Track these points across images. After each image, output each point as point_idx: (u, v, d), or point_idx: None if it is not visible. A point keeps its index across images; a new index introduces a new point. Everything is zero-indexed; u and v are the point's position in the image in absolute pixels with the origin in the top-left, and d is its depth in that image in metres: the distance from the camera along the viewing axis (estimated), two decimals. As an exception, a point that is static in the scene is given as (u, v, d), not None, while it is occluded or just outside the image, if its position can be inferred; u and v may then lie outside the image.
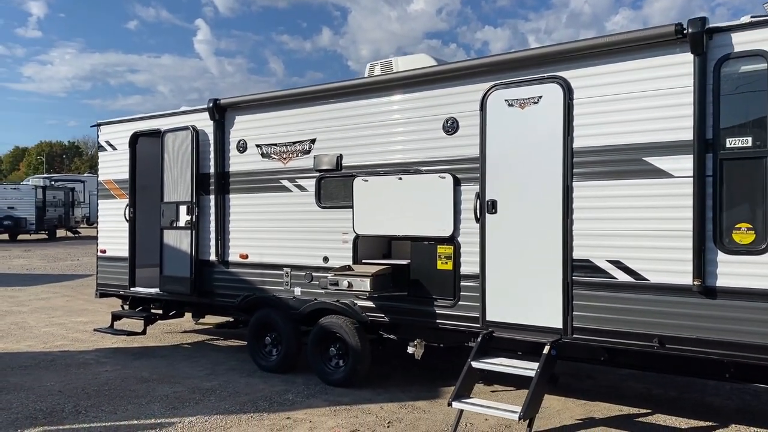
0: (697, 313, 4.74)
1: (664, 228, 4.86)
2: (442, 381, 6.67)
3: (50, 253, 24.06)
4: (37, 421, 5.65)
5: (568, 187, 5.27)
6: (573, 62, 5.30)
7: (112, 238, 9.02)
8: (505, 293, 5.62)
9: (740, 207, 4.60)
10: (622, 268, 5.05)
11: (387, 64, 7.18)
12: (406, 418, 5.68)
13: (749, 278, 4.54)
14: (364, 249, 6.63)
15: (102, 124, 9.34)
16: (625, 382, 6.92)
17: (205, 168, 7.87)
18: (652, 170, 4.92)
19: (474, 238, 5.80)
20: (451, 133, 6.00)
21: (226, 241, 7.72)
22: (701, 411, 5.91)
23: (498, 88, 5.68)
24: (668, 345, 4.86)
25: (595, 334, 5.17)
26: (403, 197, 6.27)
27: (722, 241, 4.65)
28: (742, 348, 4.58)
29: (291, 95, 7.20)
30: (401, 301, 6.29)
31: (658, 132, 4.88)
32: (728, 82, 4.62)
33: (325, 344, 6.78)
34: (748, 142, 4.55)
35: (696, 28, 4.62)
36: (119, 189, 8.99)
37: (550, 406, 5.99)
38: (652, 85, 4.92)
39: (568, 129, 5.27)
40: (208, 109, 7.71)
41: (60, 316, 11.17)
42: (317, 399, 6.25)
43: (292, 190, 7.15)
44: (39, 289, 14.55)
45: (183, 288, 7.94)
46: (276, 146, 7.28)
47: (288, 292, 7.13)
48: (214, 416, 5.74)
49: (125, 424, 5.56)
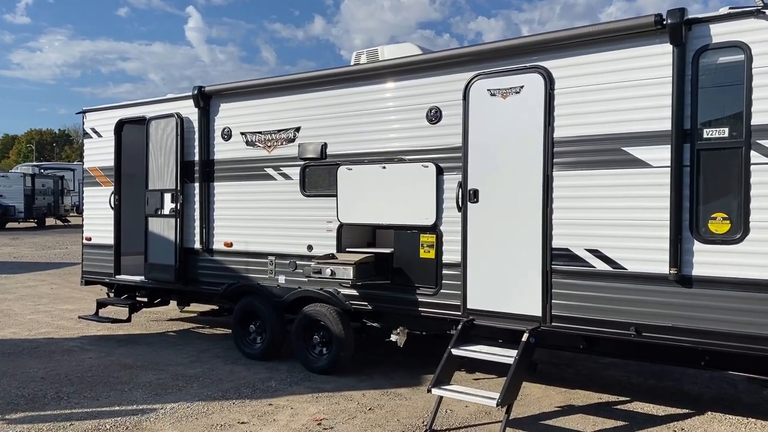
0: (673, 302, 4.80)
1: (642, 217, 4.91)
2: (424, 368, 6.71)
3: (38, 242, 23.94)
4: (19, 407, 5.66)
5: (548, 177, 5.30)
6: (554, 52, 5.32)
7: (98, 226, 9.00)
8: (485, 281, 5.67)
9: (716, 197, 4.65)
10: (600, 256, 5.10)
11: (373, 52, 7.17)
12: (387, 405, 5.73)
13: (724, 267, 4.60)
14: (348, 237, 6.66)
15: (87, 111, 9.30)
16: (606, 370, 6.99)
17: (190, 156, 7.85)
18: (630, 160, 4.96)
19: (456, 227, 5.83)
20: (434, 122, 6.02)
21: (210, 229, 7.72)
22: (679, 399, 5.99)
23: (481, 77, 5.70)
24: (645, 333, 4.92)
25: (573, 322, 5.23)
26: (387, 186, 6.29)
27: (698, 231, 4.70)
28: (716, 336, 4.65)
29: (276, 83, 7.18)
30: (384, 289, 6.33)
31: (637, 122, 4.92)
32: (706, 74, 4.66)
33: (308, 332, 6.81)
34: (724, 133, 4.59)
35: (675, 19, 4.64)
36: (104, 176, 8.96)
37: (531, 393, 6.05)
38: (632, 76, 4.94)
39: (548, 119, 5.30)
40: (192, 96, 7.68)
41: (46, 303, 11.15)
42: (300, 386, 6.29)
43: (276, 179, 7.15)
44: (26, 277, 14.49)
45: (168, 276, 7.95)
46: (261, 134, 7.28)
47: (272, 281, 7.15)
48: (196, 402, 5.77)
49: (107, 410, 5.58)
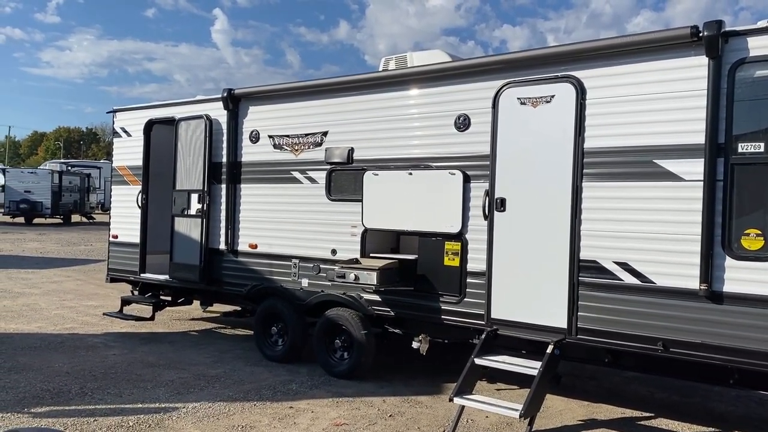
0: (703, 318, 4.72)
1: (673, 231, 4.84)
2: (445, 376, 6.68)
3: (64, 238, 24.31)
4: (44, 401, 5.74)
5: (578, 188, 5.26)
6: (587, 62, 5.28)
7: (124, 224, 9.12)
8: (510, 291, 5.62)
9: (750, 213, 4.57)
10: (628, 269, 5.04)
11: (402, 58, 7.18)
12: (408, 412, 5.71)
13: (757, 284, 4.52)
14: (372, 243, 6.66)
15: (117, 110, 9.43)
16: (629, 384, 6.90)
17: (218, 157, 7.92)
18: (662, 173, 4.90)
19: (482, 236, 5.80)
20: (462, 129, 6.00)
21: (236, 231, 7.78)
22: (704, 416, 5.88)
23: (511, 86, 5.67)
24: (672, 349, 4.84)
25: (599, 335, 5.16)
26: (413, 192, 6.28)
27: (731, 247, 4.62)
28: (746, 354, 4.56)
29: (304, 87, 7.23)
30: (407, 295, 6.31)
31: (670, 135, 4.86)
32: (742, 87, 4.59)
33: (330, 336, 6.82)
34: (760, 148, 4.51)
35: (711, 31, 4.59)
36: (132, 175, 9.07)
37: (553, 405, 5.99)
38: (666, 88, 4.89)
39: (579, 129, 5.26)
40: (222, 98, 7.76)
41: (71, 299, 11.30)
42: (320, 390, 6.29)
43: (302, 182, 7.18)
44: (52, 273, 14.72)
45: (192, 275, 8.02)
46: (288, 137, 7.32)
47: (295, 283, 7.17)
48: (217, 403, 5.80)
49: (130, 407, 5.64)
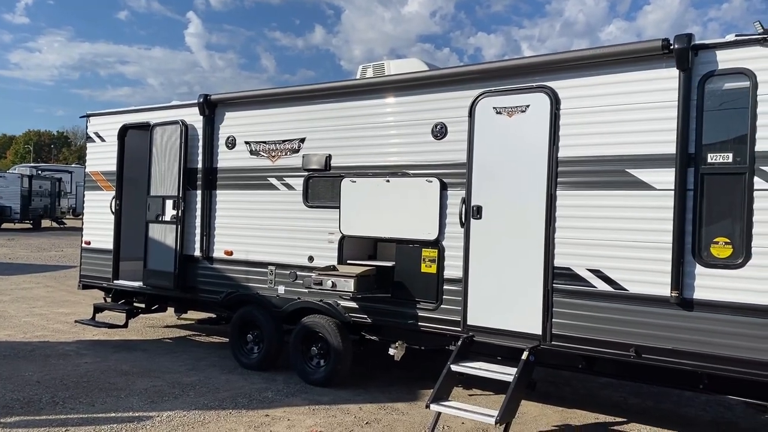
0: (674, 324, 4.82)
1: (644, 239, 4.94)
2: (421, 383, 6.70)
3: (34, 243, 23.85)
4: (14, 410, 5.63)
5: (552, 196, 5.34)
6: (561, 73, 5.37)
7: (97, 230, 8.98)
8: (486, 298, 5.68)
9: (719, 221, 4.68)
10: (601, 277, 5.12)
11: (379, 66, 7.23)
12: (384, 419, 5.72)
13: (725, 291, 4.63)
14: (349, 250, 6.67)
15: (91, 115, 9.31)
16: (603, 390, 6.99)
17: (193, 163, 7.87)
18: (634, 182, 5.00)
19: (458, 243, 5.85)
20: (439, 138, 6.05)
21: (211, 237, 7.72)
22: (676, 421, 5.99)
23: (487, 95, 5.74)
24: (644, 355, 4.93)
25: (573, 342, 5.24)
26: (390, 200, 6.31)
27: (700, 254, 4.73)
28: (715, 360, 4.67)
29: (282, 93, 7.22)
30: (384, 302, 6.33)
31: (642, 145, 4.96)
32: (712, 99, 4.71)
33: (306, 343, 6.80)
34: (728, 158, 4.64)
35: (682, 44, 4.70)
36: (106, 181, 8.96)
37: (528, 411, 6.05)
38: (638, 99, 5.00)
39: (553, 138, 5.34)
40: (198, 104, 7.71)
41: (41, 306, 11.09)
42: (297, 398, 6.27)
43: (279, 189, 7.17)
44: (21, 279, 14.43)
45: (166, 282, 7.93)
46: (265, 144, 7.30)
47: (272, 291, 7.14)
48: (192, 411, 5.74)
49: (103, 416, 5.55)
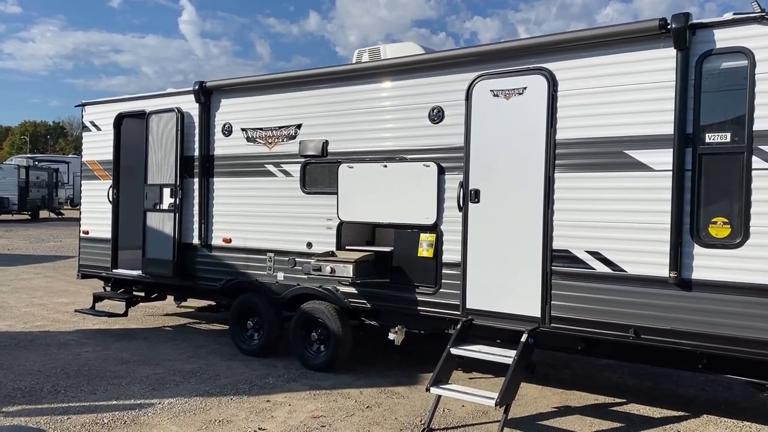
0: (673, 305, 4.83)
1: (643, 220, 4.93)
2: (421, 367, 6.73)
3: (32, 234, 23.83)
4: (16, 399, 5.65)
5: (550, 178, 5.32)
6: (558, 54, 5.33)
7: (95, 219, 8.97)
8: (485, 282, 5.68)
9: (717, 201, 4.68)
10: (600, 258, 5.12)
11: (375, 51, 7.18)
12: (385, 403, 5.74)
13: (724, 271, 4.63)
14: (347, 235, 6.66)
15: (87, 104, 9.26)
16: (602, 372, 7.03)
17: (190, 151, 7.84)
18: (632, 163, 4.98)
19: (456, 227, 5.84)
20: (436, 121, 6.02)
21: (209, 225, 7.71)
22: (675, 401, 6.02)
23: (484, 78, 5.71)
24: (643, 335, 4.95)
25: (572, 324, 5.25)
26: (388, 185, 6.30)
27: (699, 235, 4.73)
28: (714, 339, 4.68)
29: (278, 80, 7.18)
30: (383, 287, 6.33)
31: (640, 125, 4.94)
32: (709, 78, 4.68)
33: (306, 329, 6.81)
34: (726, 138, 4.62)
35: (679, 24, 4.67)
36: (103, 170, 8.93)
37: (528, 393, 6.08)
38: (635, 79, 4.97)
39: (551, 120, 5.32)
40: (193, 91, 7.67)
41: (41, 296, 11.10)
42: (297, 383, 6.29)
43: (276, 175, 7.14)
44: (20, 270, 14.43)
45: (165, 271, 7.93)
46: (262, 130, 7.27)
47: (271, 277, 7.14)
48: (194, 398, 5.76)
49: (104, 404, 5.57)
